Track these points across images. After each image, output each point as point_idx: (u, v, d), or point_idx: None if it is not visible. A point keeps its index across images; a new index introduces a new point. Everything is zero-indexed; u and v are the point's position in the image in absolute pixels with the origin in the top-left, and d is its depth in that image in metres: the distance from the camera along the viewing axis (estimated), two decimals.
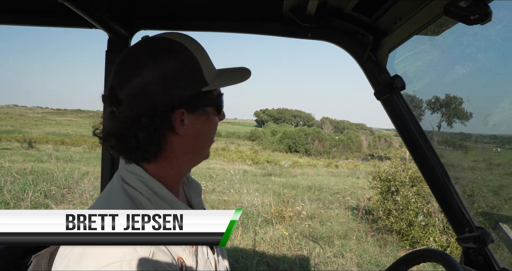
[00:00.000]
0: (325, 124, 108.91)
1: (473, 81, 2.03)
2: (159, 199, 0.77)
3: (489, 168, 7.51)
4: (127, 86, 0.73)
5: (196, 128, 0.80)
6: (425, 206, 5.85)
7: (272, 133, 62.71)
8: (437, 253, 1.04)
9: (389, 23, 1.23)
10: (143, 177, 0.77)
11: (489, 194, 5.69)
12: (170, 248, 0.73)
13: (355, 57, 1.42)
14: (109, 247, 0.64)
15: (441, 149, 8.62)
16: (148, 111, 0.73)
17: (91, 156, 16.18)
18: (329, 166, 22.28)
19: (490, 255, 1.28)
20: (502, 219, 1.19)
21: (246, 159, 21.88)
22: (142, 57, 0.75)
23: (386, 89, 1.33)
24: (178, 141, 0.79)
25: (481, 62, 1.63)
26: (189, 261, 0.76)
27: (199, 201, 0.96)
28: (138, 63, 0.74)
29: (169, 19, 1.48)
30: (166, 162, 0.80)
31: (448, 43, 1.52)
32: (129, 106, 0.73)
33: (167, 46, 0.77)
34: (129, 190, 0.76)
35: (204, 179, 11.06)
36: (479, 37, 1.49)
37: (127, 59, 0.77)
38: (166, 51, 0.76)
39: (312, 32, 1.43)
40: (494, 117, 2.43)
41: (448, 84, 2.91)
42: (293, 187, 10.85)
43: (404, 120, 1.34)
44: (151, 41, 0.78)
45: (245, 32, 1.48)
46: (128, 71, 0.75)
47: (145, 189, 0.76)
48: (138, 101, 0.73)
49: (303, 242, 5.45)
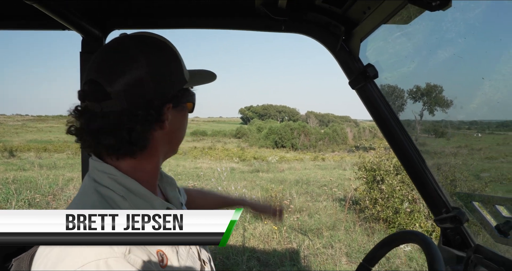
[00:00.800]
0: (310, 118, 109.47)
1: (450, 68, 2.08)
2: (133, 195, 0.77)
3: (470, 153, 7.69)
4: (118, 81, 0.73)
5: (176, 123, 0.83)
6: (410, 193, 5.97)
7: (258, 130, 62.72)
8: (414, 234, 1.07)
9: (359, 13, 1.25)
10: (115, 175, 0.77)
11: (470, 178, 5.85)
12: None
13: (329, 48, 1.44)
14: (87, 247, 0.63)
15: (424, 137, 8.78)
16: (144, 105, 0.74)
17: (76, 162, 15.91)
18: (316, 159, 22.47)
19: (466, 233, 1.33)
20: (475, 198, 1.24)
21: (233, 156, 21.86)
22: (133, 53, 0.75)
23: (360, 78, 1.36)
24: (161, 135, 0.80)
25: (456, 49, 1.67)
26: (169, 253, 0.77)
27: (175, 195, 0.97)
28: (130, 58, 0.75)
29: (143, 17, 1.48)
30: (145, 156, 0.80)
31: (419, 34, 1.57)
32: (122, 101, 0.73)
33: (155, 43, 0.80)
34: (102, 189, 0.76)
35: (191, 179, 11.02)
36: (457, 23, 1.53)
37: (116, 55, 0.76)
38: (156, 48, 0.79)
39: (286, 25, 1.45)
40: (474, 102, 2.50)
41: (428, 72, 2.97)
42: (281, 182, 10.91)
43: (379, 108, 1.37)
44: (136, 38, 0.79)
45: (219, 28, 1.49)
46: (118, 67, 0.74)
47: (118, 187, 0.76)
48: (133, 95, 0.74)
49: (293, 235, 5.51)
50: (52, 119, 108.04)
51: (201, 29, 1.51)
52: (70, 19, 1.29)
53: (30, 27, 1.48)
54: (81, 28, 1.39)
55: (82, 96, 0.76)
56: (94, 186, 0.76)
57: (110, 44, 0.80)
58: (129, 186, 0.77)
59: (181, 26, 1.47)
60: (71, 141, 3.54)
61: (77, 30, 1.40)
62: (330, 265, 4.47)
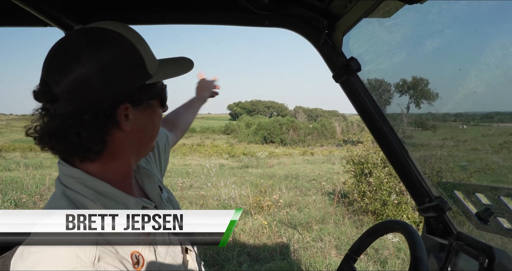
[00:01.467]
0: (298, 114, 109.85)
1: (433, 61, 2.11)
2: (104, 197, 0.74)
3: (456, 145, 7.82)
4: (63, 81, 0.67)
5: (141, 123, 0.77)
6: (397, 185, 6.06)
7: (246, 125, 62.73)
8: (397, 223, 1.10)
9: (341, 7, 1.26)
10: (83, 179, 0.73)
11: (456, 169, 5.96)
12: (121, 246, 0.70)
13: (312, 42, 1.45)
14: (53, 261, 0.61)
15: (411, 130, 8.89)
16: (90, 108, 0.68)
17: None
18: (305, 154, 22.59)
19: (448, 221, 1.36)
20: (457, 187, 1.27)
21: (222, 152, 21.84)
22: (78, 49, 0.68)
23: (343, 72, 1.37)
24: (123, 136, 0.75)
25: (437, 42, 1.70)
26: (146, 253, 0.74)
27: (153, 187, 0.91)
28: (74, 55, 0.68)
29: (124, 13, 1.46)
30: (111, 159, 0.76)
31: (403, 25, 1.59)
32: (67, 103, 0.67)
33: (105, 36, 0.71)
34: (71, 194, 0.72)
35: (180, 176, 10.99)
36: (440, 15, 1.55)
37: (62, 52, 0.70)
38: (104, 42, 0.70)
39: (269, 20, 1.46)
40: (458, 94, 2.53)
41: (412, 66, 3.00)
42: (270, 177, 10.95)
43: (362, 101, 1.39)
44: (87, 31, 0.72)
45: (202, 23, 1.48)
46: (63, 65, 0.68)
47: (87, 190, 0.72)
48: (78, 97, 0.67)
49: (282, 230, 5.54)
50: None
51: (184, 24, 1.50)
52: (50, 15, 1.27)
53: (11, 24, 1.45)
54: (62, 24, 1.37)
55: (34, 97, 0.70)
56: (63, 190, 0.73)
57: (59, 40, 0.72)
58: (99, 189, 0.73)
59: (164, 21, 1.46)
60: None
61: (59, 26, 1.38)
62: (320, 258, 4.53)
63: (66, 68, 0.67)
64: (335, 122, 74.15)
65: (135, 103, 0.74)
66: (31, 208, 6.89)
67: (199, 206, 6.93)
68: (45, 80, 0.68)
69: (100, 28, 0.73)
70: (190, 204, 7.09)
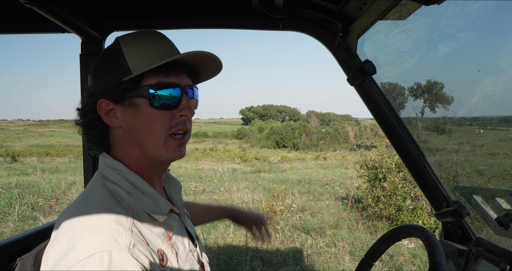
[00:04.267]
0: (311, 118, 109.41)
1: (449, 64, 2.08)
2: (139, 191, 0.78)
3: (472, 149, 7.69)
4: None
5: (128, 121, 0.80)
6: (412, 190, 5.96)
7: (259, 130, 62.76)
8: (415, 228, 1.07)
9: (355, 10, 1.26)
10: (123, 171, 0.79)
11: (473, 173, 5.84)
12: (150, 240, 0.73)
13: (326, 45, 1.45)
14: (92, 237, 0.64)
15: (426, 135, 8.77)
16: (87, 103, 0.81)
17: (78, 165, 15.94)
18: (318, 159, 22.45)
19: (467, 227, 1.33)
20: (475, 192, 1.24)
21: (234, 157, 21.87)
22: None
23: (358, 75, 1.36)
24: (120, 133, 0.82)
25: (454, 44, 1.67)
26: (169, 253, 0.77)
27: (179, 197, 0.96)
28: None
29: (140, 19, 1.48)
30: (123, 152, 0.83)
31: (416, 29, 1.57)
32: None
33: (109, 45, 0.85)
34: (109, 185, 0.78)
35: (193, 180, 11.03)
36: (455, 17, 1.53)
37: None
38: (105, 48, 0.85)
39: (283, 23, 1.46)
40: (474, 98, 2.48)
41: (427, 69, 2.96)
42: (283, 182, 10.90)
43: (377, 104, 1.37)
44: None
45: (216, 28, 1.49)
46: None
47: (125, 182, 0.78)
48: (88, 96, 0.81)
49: (295, 235, 5.50)
50: (53, 123, 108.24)
51: (199, 29, 1.51)
52: (69, 22, 1.30)
53: (29, 31, 1.48)
54: (80, 30, 1.40)
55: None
56: (102, 181, 0.78)
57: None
58: (135, 183, 0.79)
59: (179, 26, 1.48)
60: (72, 145, 3.56)
61: (76, 33, 1.41)
62: (334, 264, 4.47)
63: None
64: (348, 127, 73.61)
65: (115, 100, 0.79)
66: (47, 211, 7.00)
67: None
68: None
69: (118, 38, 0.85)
70: None
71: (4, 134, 70.09)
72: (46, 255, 0.69)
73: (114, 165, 0.80)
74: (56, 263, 0.64)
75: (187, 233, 0.92)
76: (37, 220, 6.39)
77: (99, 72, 0.81)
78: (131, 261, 0.64)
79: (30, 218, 6.55)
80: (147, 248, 0.71)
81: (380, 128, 1.41)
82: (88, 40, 1.47)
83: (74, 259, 0.62)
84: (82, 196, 0.78)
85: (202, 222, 1.42)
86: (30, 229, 1.14)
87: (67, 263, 0.62)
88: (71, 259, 0.62)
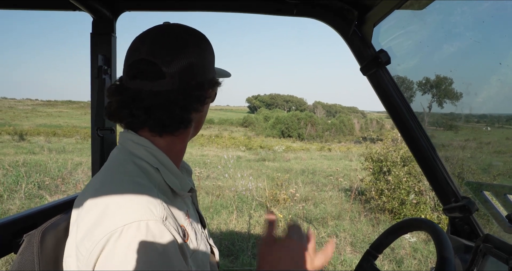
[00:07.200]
0: (317, 109, 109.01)
1: (461, 58, 2.02)
2: (165, 169, 0.81)
3: (479, 147, 7.61)
4: (173, 63, 0.78)
5: (206, 107, 0.92)
6: (417, 185, 5.95)
7: (264, 119, 62.70)
8: (423, 221, 1.06)
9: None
10: (151, 148, 0.81)
11: (478, 171, 5.80)
12: (176, 215, 0.78)
13: (341, 33, 1.42)
14: (126, 208, 0.67)
15: (432, 130, 8.67)
16: (196, 87, 0.81)
17: (84, 147, 16.07)
18: (322, 150, 22.43)
19: (475, 223, 1.32)
20: (485, 188, 1.22)
21: (239, 145, 21.92)
22: (186, 40, 0.82)
23: (371, 64, 1.34)
24: (196, 116, 0.87)
25: (467, 39, 1.62)
26: (189, 230, 0.83)
27: (191, 180, 1.05)
28: (183, 44, 0.81)
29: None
30: (182, 135, 0.87)
31: (434, 19, 1.52)
32: (174, 81, 0.78)
33: (200, 36, 0.87)
34: (137, 161, 0.80)
35: (198, 166, 11.08)
36: (467, 14, 1.48)
37: (170, 40, 0.81)
38: (202, 40, 0.86)
39: (298, 9, 1.43)
40: (482, 95, 2.43)
41: (436, 62, 2.90)
42: (287, 171, 10.92)
43: (390, 95, 1.35)
44: (185, 28, 0.86)
45: (230, 11, 1.46)
46: (174, 50, 0.79)
47: (153, 159, 0.81)
48: (187, 77, 0.80)
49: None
50: (61, 104, 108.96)
51: (210, 11, 1.48)
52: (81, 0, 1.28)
53: (40, 7, 1.46)
54: (92, 9, 1.38)
55: (133, 74, 0.79)
56: (131, 157, 0.80)
57: (160, 30, 0.84)
58: (162, 160, 0.82)
59: (190, 8, 1.45)
60: (80, 126, 3.57)
61: (88, 11, 1.39)
62: (335, 254, 4.50)
63: (177, 53, 0.79)
64: (354, 119, 73.28)
65: (213, 90, 0.89)
66: (53, 190, 7.09)
67: (215, 196, 6.97)
68: (151, 61, 0.78)
69: (192, 28, 0.87)
70: (207, 194, 7.14)
71: (13, 113, 70.73)
72: (75, 226, 0.71)
73: (141, 142, 0.82)
74: (88, 231, 0.66)
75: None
76: (43, 199, 6.47)
77: (210, 65, 0.88)
78: (165, 232, 0.68)
79: (36, 196, 6.63)
80: (175, 222, 0.75)
81: (392, 120, 1.38)
82: (99, 19, 1.45)
83: (111, 227, 0.64)
84: (110, 171, 0.79)
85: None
86: (36, 206, 1.15)
87: (103, 231, 0.64)
88: (107, 226, 0.65)
